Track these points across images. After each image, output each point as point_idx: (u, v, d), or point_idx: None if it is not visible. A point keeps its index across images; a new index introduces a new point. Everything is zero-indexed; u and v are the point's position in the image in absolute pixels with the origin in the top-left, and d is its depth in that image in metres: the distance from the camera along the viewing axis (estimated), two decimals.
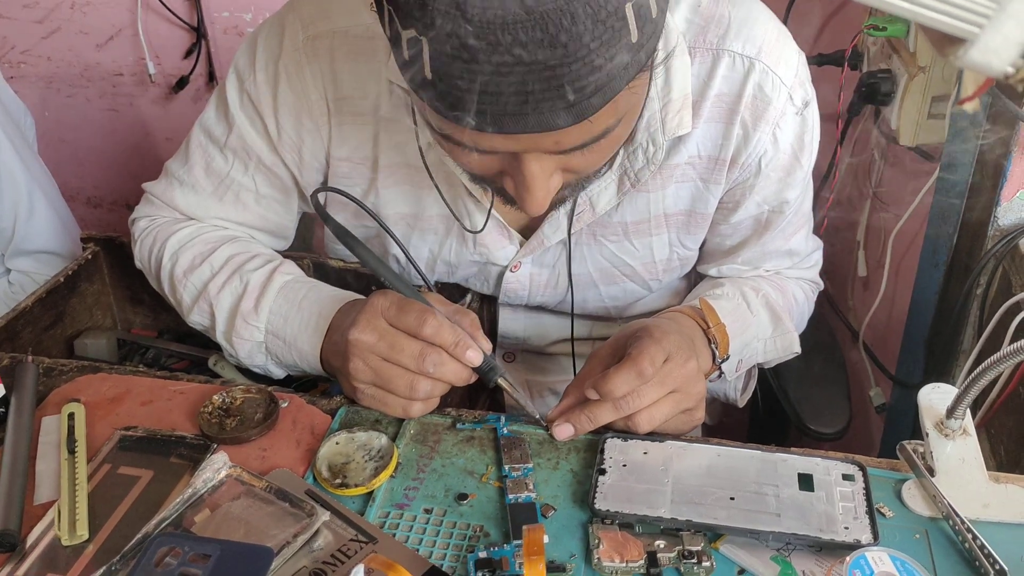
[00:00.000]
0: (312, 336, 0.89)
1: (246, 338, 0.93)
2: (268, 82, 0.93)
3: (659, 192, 0.95)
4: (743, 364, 0.98)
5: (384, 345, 0.81)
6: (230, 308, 0.94)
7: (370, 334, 0.81)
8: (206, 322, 0.96)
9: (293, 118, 0.94)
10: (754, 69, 0.88)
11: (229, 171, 0.99)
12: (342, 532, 0.72)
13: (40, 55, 2.08)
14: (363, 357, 0.81)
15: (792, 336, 1.00)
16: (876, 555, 0.67)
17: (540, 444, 0.82)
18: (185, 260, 0.98)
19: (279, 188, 1.00)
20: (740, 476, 0.76)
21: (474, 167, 0.76)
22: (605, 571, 0.69)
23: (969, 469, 0.76)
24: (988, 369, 0.70)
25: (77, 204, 2.25)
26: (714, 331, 0.91)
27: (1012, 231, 1.11)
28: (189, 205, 1.02)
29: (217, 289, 0.94)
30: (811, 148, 0.95)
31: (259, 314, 0.92)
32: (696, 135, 0.91)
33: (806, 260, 1.08)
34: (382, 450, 0.80)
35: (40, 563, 0.70)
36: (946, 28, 0.39)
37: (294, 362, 0.92)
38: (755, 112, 0.89)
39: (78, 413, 0.84)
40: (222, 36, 1.98)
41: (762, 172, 0.93)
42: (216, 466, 0.76)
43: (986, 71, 0.40)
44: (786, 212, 0.98)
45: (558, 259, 1.01)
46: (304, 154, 0.97)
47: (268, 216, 1.03)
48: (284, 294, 0.92)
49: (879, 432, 1.50)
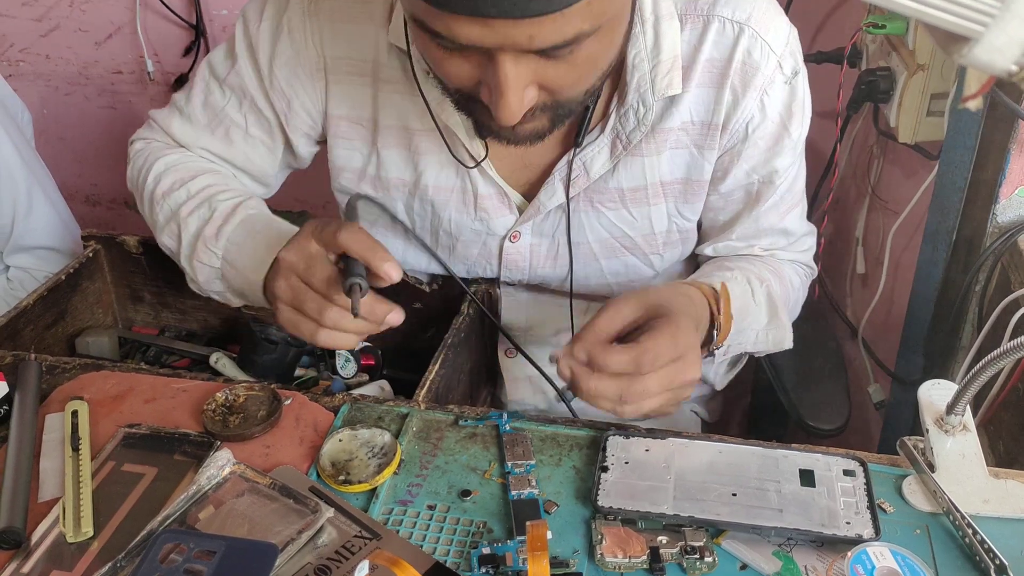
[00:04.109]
0: (259, 266, 0.89)
1: (205, 262, 0.95)
2: (270, 32, 0.98)
3: (654, 157, 0.96)
4: (731, 350, 0.98)
5: (303, 265, 0.81)
6: (195, 232, 0.96)
7: (295, 253, 0.81)
8: (173, 244, 0.99)
9: (288, 70, 0.98)
10: (743, 34, 0.90)
11: (225, 106, 1.03)
12: (346, 528, 0.72)
13: (39, 53, 2.07)
14: (285, 276, 0.82)
15: (785, 331, 1.01)
16: (877, 550, 0.67)
17: (542, 441, 0.83)
18: (166, 183, 1.01)
19: (267, 131, 1.04)
20: (742, 472, 0.77)
21: (453, 76, 0.77)
22: (608, 567, 0.69)
23: (969, 465, 0.76)
24: (989, 365, 0.71)
25: (76, 202, 2.25)
26: (721, 319, 0.91)
27: (1011, 228, 1.11)
28: (184, 134, 1.05)
29: (187, 213, 0.97)
30: (801, 118, 0.97)
31: (219, 241, 0.93)
32: (688, 100, 0.93)
33: (800, 242, 1.09)
34: (385, 447, 0.80)
35: (45, 560, 0.71)
36: (951, 27, 0.39)
37: (243, 291, 0.94)
38: (744, 78, 0.92)
39: (81, 411, 0.84)
40: (221, 34, 1.98)
41: (749, 138, 0.95)
42: (220, 463, 0.77)
43: (990, 70, 0.40)
44: (776, 183, 0.99)
45: (557, 227, 1.02)
46: (294, 106, 1.00)
47: (252, 158, 1.05)
48: (244, 225, 0.94)
49: (878, 429, 1.50)
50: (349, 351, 1.09)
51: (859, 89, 1.36)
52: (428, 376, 0.91)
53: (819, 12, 1.67)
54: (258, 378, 1.02)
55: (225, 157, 1.05)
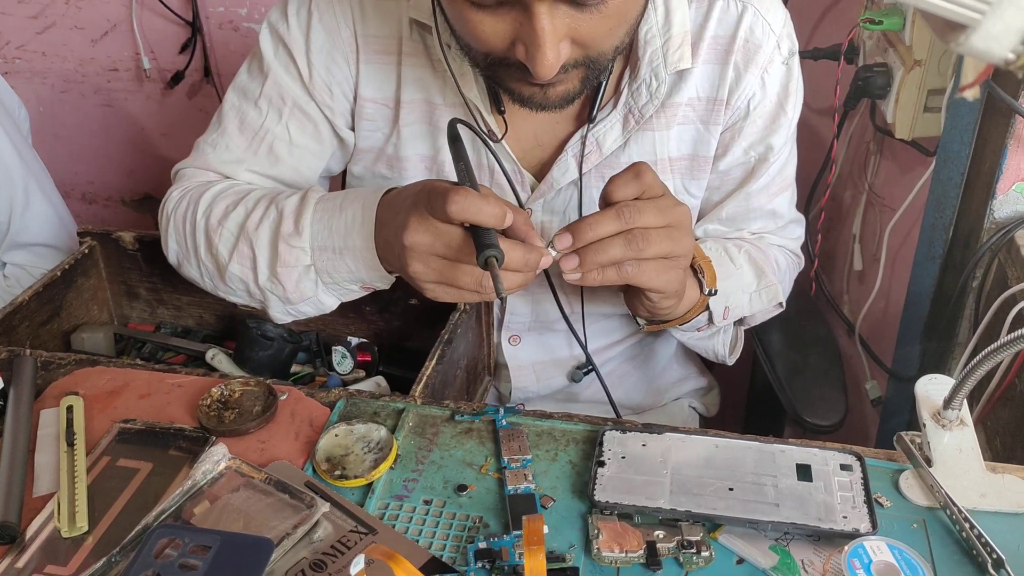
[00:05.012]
0: (362, 230, 0.87)
1: (292, 264, 0.90)
2: (300, 25, 0.98)
3: (664, 132, 0.99)
4: (730, 312, 1.00)
5: (435, 242, 0.79)
6: (270, 239, 0.92)
7: (423, 234, 0.79)
8: (247, 267, 0.94)
9: (325, 56, 0.99)
10: (746, 12, 0.95)
11: (263, 122, 1.01)
12: (342, 523, 0.72)
13: (35, 50, 2.07)
14: (421, 259, 0.80)
15: (776, 287, 1.03)
16: (874, 544, 0.67)
17: (539, 436, 0.82)
18: (219, 210, 0.96)
19: (313, 136, 1.02)
20: (738, 467, 0.76)
21: (487, 37, 0.78)
22: (605, 561, 0.69)
23: (966, 459, 0.76)
24: (987, 359, 0.71)
25: (72, 200, 2.24)
26: (700, 262, 0.94)
27: (1008, 224, 1.11)
28: (222, 161, 1.03)
29: (255, 225, 0.93)
30: (795, 98, 1.01)
31: (301, 233, 0.90)
32: (695, 76, 0.96)
33: (789, 229, 1.11)
34: (381, 442, 0.80)
35: (40, 555, 0.70)
36: (948, 15, 0.39)
37: (348, 271, 0.90)
38: (746, 55, 0.96)
39: (77, 406, 0.84)
40: (217, 31, 1.97)
41: (750, 116, 0.99)
42: (215, 458, 0.76)
43: (987, 58, 0.40)
44: (770, 161, 1.02)
45: (568, 203, 1.03)
46: (334, 91, 1.00)
47: (300, 169, 1.03)
48: (322, 205, 0.90)
49: (874, 425, 1.50)
50: (345, 347, 1.09)
51: (856, 85, 1.36)
52: (424, 372, 0.91)
53: (816, 8, 1.67)
54: (254, 374, 1.02)
55: (272, 175, 1.03)
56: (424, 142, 1.01)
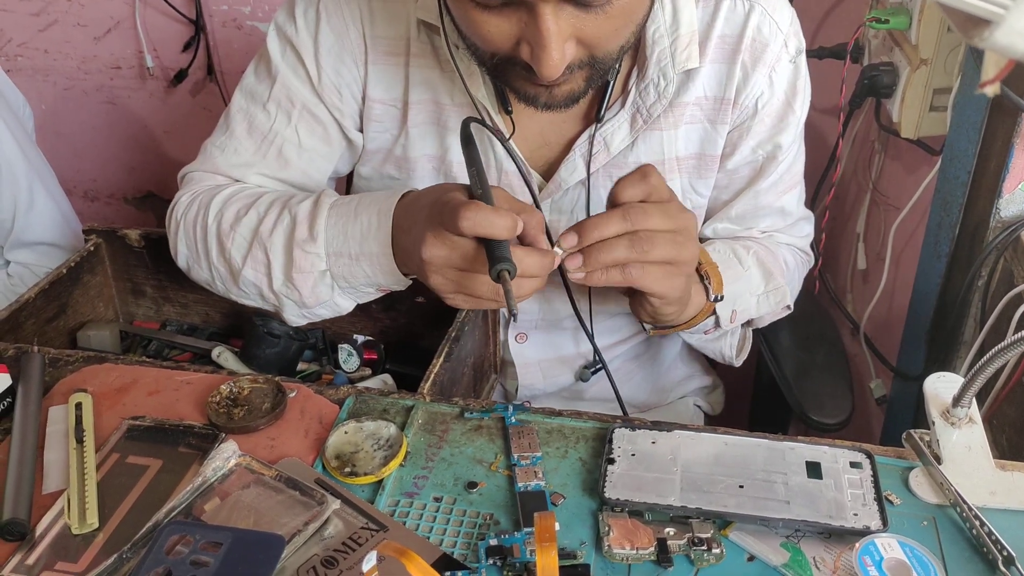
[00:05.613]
0: (379, 235, 0.87)
1: (307, 270, 0.90)
2: (308, 27, 0.98)
3: (671, 132, 0.98)
4: (737, 315, 1.00)
5: (451, 255, 0.80)
6: (284, 245, 0.92)
7: (439, 248, 0.80)
8: (261, 272, 0.94)
9: (333, 58, 0.98)
10: (754, 11, 0.95)
11: (272, 125, 1.00)
12: (353, 520, 0.72)
13: (37, 48, 2.07)
14: (441, 273, 0.81)
15: (784, 290, 1.03)
16: (885, 541, 0.67)
17: (548, 433, 0.82)
18: (230, 213, 0.96)
19: (322, 138, 1.02)
20: (748, 464, 0.76)
21: (492, 37, 0.78)
22: (616, 558, 0.69)
23: (975, 457, 0.76)
24: (996, 356, 0.71)
25: (74, 198, 2.24)
26: (706, 268, 0.94)
27: (1014, 223, 1.11)
28: (231, 165, 1.02)
29: (268, 231, 0.92)
30: (803, 96, 1.01)
31: (316, 239, 0.90)
32: (702, 75, 0.96)
33: (798, 226, 1.11)
34: (391, 439, 0.80)
35: (50, 552, 0.70)
36: (971, 9, 0.39)
37: (365, 277, 0.90)
38: (754, 54, 0.96)
39: (85, 403, 0.83)
40: (221, 29, 1.97)
41: (758, 114, 0.99)
42: (225, 455, 0.76)
43: (1011, 53, 0.40)
44: (779, 159, 1.02)
45: (576, 203, 1.02)
46: (343, 93, 1.00)
47: (310, 172, 1.03)
48: (336, 211, 0.90)
49: (879, 424, 1.50)
50: (351, 345, 1.09)
51: (861, 84, 1.36)
52: (432, 370, 0.91)
53: (822, 7, 1.67)
54: (260, 372, 1.02)
55: (281, 178, 1.03)
56: (432, 143, 1.01)
